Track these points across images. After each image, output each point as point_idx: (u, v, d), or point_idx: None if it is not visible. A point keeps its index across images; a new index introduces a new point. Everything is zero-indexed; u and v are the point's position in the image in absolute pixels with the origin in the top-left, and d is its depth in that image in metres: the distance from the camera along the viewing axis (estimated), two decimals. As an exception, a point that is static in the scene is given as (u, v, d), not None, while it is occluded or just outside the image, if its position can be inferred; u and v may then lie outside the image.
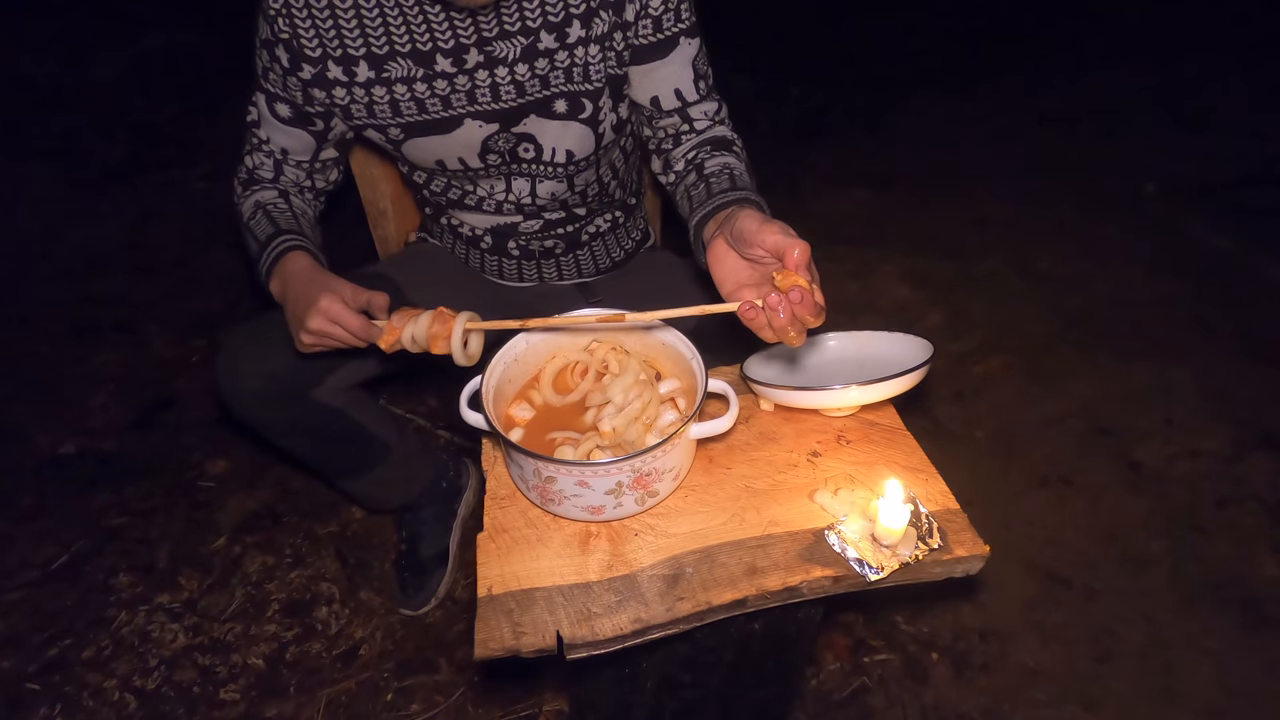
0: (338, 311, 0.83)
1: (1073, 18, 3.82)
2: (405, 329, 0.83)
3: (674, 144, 1.01)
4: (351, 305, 0.85)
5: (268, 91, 0.97)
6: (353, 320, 0.83)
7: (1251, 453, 1.63)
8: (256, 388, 1.01)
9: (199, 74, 3.63)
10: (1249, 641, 1.30)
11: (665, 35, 0.94)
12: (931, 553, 0.73)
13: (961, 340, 1.96)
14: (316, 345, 0.87)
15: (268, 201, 1.01)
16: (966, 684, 1.27)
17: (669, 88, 0.98)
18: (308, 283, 0.87)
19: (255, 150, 1.02)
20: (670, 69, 0.96)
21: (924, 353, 0.85)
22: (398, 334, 0.83)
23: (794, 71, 3.53)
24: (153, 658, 1.33)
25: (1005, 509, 1.54)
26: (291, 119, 0.98)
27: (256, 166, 1.03)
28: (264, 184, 1.03)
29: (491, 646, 0.68)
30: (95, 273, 2.31)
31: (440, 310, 0.83)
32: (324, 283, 0.87)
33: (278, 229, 0.97)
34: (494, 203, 1.08)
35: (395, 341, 0.84)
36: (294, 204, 1.03)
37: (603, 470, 0.72)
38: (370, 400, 1.18)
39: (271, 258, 0.94)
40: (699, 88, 0.99)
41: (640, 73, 0.97)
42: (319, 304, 0.83)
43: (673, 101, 0.98)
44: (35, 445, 1.74)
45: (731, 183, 0.89)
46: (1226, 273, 2.16)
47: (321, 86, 0.93)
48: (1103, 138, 2.87)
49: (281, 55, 0.92)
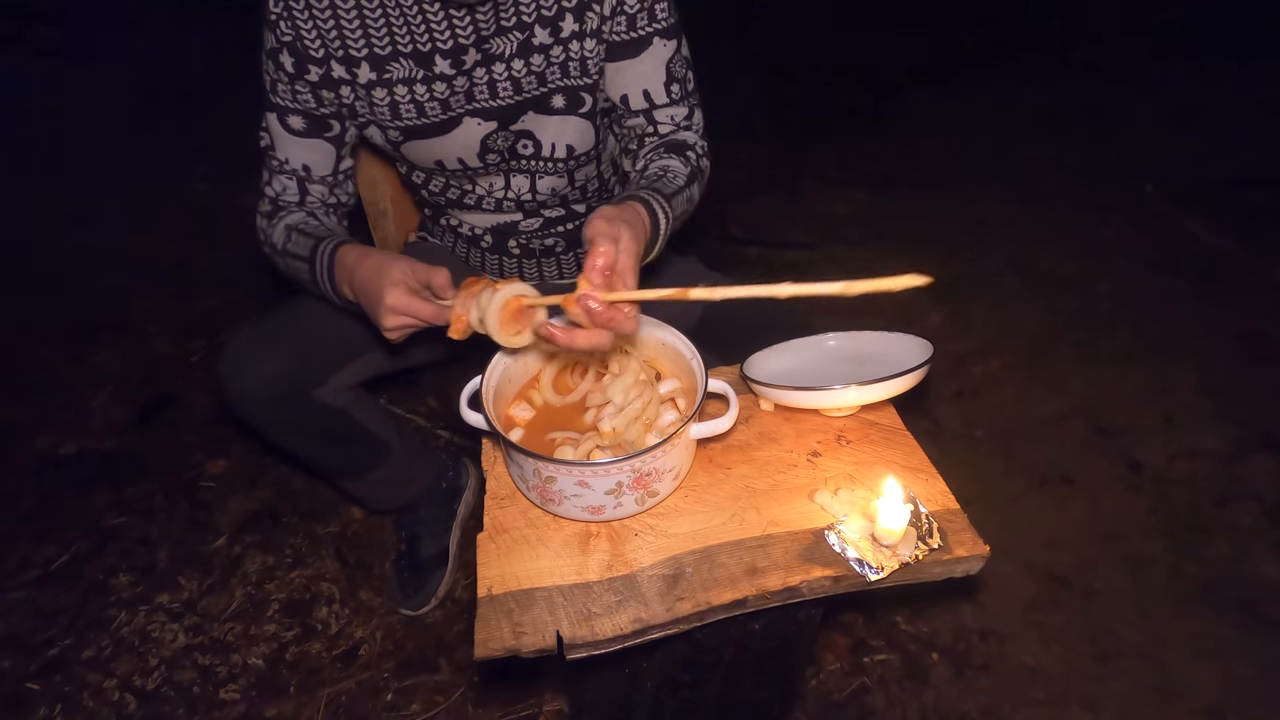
0: (405, 304, 0.79)
1: (1073, 18, 3.82)
2: (471, 313, 0.77)
3: (638, 145, 1.01)
4: (415, 287, 0.81)
5: (278, 107, 0.95)
6: (424, 308, 0.79)
7: (1251, 453, 1.63)
8: (260, 388, 1.00)
9: (200, 73, 3.63)
10: (1249, 641, 1.30)
11: (639, 34, 0.93)
12: (931, 553, 0.73)
13: (961, 340, 1.96)
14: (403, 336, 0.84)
15: (297, 223, 0.97)
16: (966, 684, 1.27)
17: (638, 88, 0.97)
18: (368, 276, 0.83)
19: (275, 175, 0.99)
20: (641, 69, 0.95)
21: (924, 353, 0.85)
22: (464, 320, 0.77)
23: (794, 71, 3.53)
24: (153, 658, 1.33)
25: (1005, 509, 1.54)
26: (306, 129, 0.96)
27: (280, 193, 0.99)
28: (289, 208, 1.00)
29: (491, 646, 0.68)
30: (95, 273, 2.31)
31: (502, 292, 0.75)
32: (383, 272, 0.81)
33: (317, 239, 0.92)
34: (493, 201, 1.08)
35: (465, 327, 0.78)
36: (323, 220, 1.00)
37: (603, 470, 0.72)
38: (372, 400, 1.18)
39: (325, 267, 0.89)
40: (670, 91, 0.97)
41: (613, 70, 0.96)
42: (385, 302, 0.79)
43: (640, 102, 0.98)
44: (35, 445, 1.74)
45: (651, 182, 0.87)
46: (1226, 273, 2.16)
47: (329, 87, 0.93)
48: (1103, 138, 2.87)
49: (286, 61, 0.91)
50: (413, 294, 0.80)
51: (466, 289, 0.78)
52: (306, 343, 1.02)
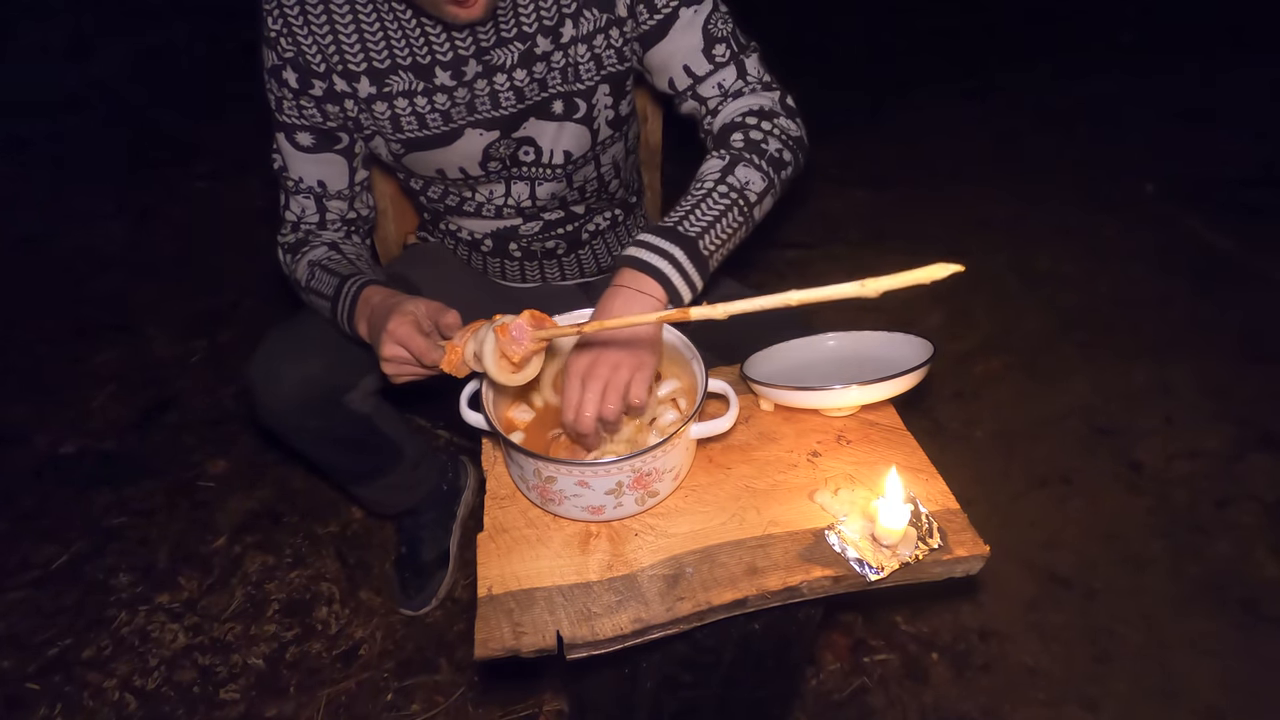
0: (404, 333, 0.77)
1: (1073, 18, 3.82)
2: (467, 346, 0.75)
3: (703, 135, 0.98)
4: (424, 325, 0.79)
5: (285, 125, 0.95)
6: (417, 342, 0.77)
7: (1251, 453, 1.63)
8: (293, 393, 0.99)
9: (201, 73, 3.63)
10: (1249, 641, 1.30)
11: (664, 13, 0.91)
12: (931, 553, 0.73)
13: (961, 340, 1.96)
14: (400, 374, 0.82)
15: (320, 259, 0.96)
16: (966, 684, 1.27)
17: (678, 64, 0.94)
18: (384, 311, 0.82)
19: (292, 197, 0.99)
20: (674, 45, 0.93)
21: (924, 353, 0.84)
22: (459, 352, 0.75)
23: (794, 72, 3.53)
24: (153, 658, 1.33)
25: (1005, 509, 1.54)
26: (316, 144, 0.96)
27: (300, 216, 1.00)
28: (311, 235, 0.99)
29: (491, 646, 0.68)
30: (95, 273, 2.31)
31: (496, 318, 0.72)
32: (397, 304, 0.81)
33: (342, 278, 0.92)
34: (493, 208, 1.07)
35: (460, 362, 0.76)
36: (346, 252, 0.99)
37: (603, 470, 0.72)
38: (392, 407, 1.18)
39: (347, 306, 0.89)
40: (714, 56, 0.93)
41: (653, 57, 0.95)
42: (388, 327, 0.78)
43: (684, 80, 0.95)
44: (35, 445, 1.74)
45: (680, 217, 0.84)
46: (1226, 273, 2.16)
47: (333, 101, 0.93)
48: (1103, 138, 2.87)
49: (290, 77, 0.91)
50: (416, 328, 0.78)
51: (469, 326, 0.76)
52: (335, 347, 1.00)
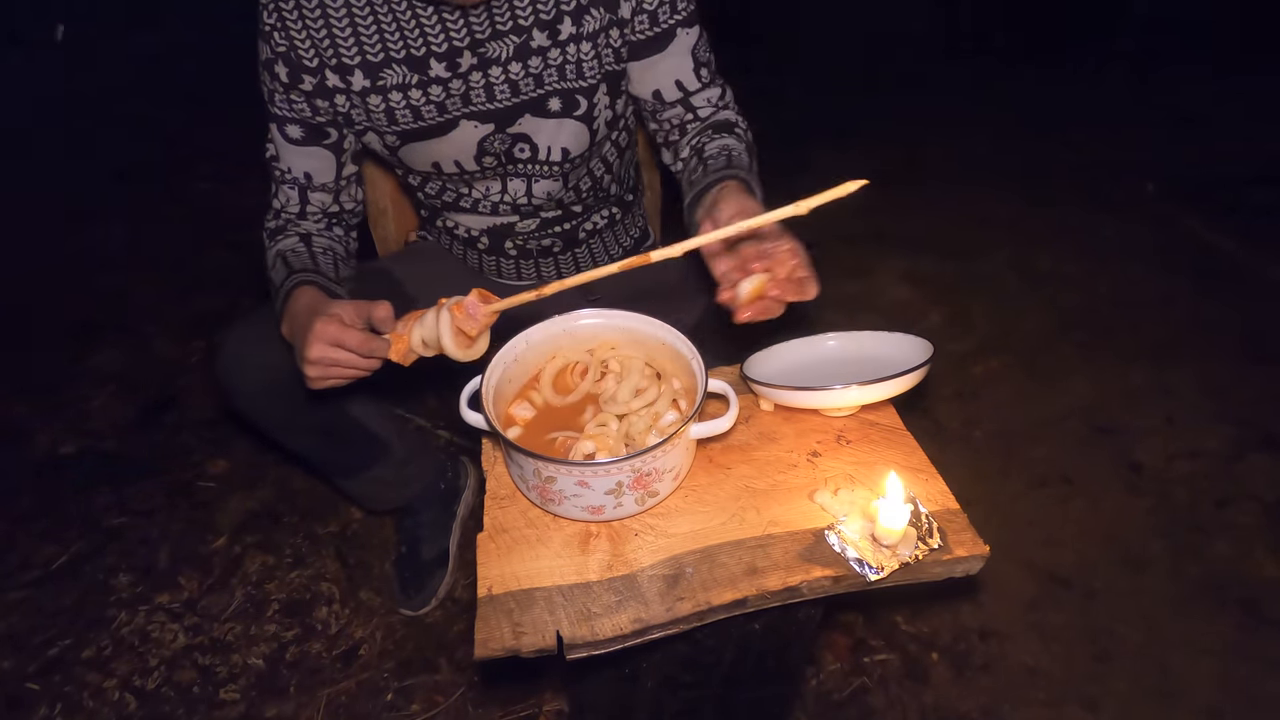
0: (333, 332, 0.75)
1: (1073, 18, 3.82)
2: (414, 333, 0.74)
3: (680, 134, 1.01)
4: (352, 324, 0.77)
5: (276, 116, 0.96)
6: (352, 336, 0.75)
7: (1251, 453, 1.63)
8: (259, 380, 1.00)
9: (201, 74, 3.63)
10: (1249, 641, 1.30)
11: (662, 29, 0.94)
12: (931, 553, 0.73)
13: (961, 340, 1.96)
14: (325, 377, 0.79)
15: (286, 249, 0.97)
16: (966, 684, 1.27)
17: (669, 80, 0.97)
18: (308, 314, 0.80)
19: (280, 185, 1.00)
20: (670, 61, 0.96)
21: (924, 353, 0.84)
22: (406, 340, 0.75)
23: (793, 72, 3.53)
24: (153, 658, 1.33)
25: (1005, 509, 1.54)
26: (304, 137, 0.97)
27: (284, 205, 1.01)
28: (290, 224, 1.00)
29: (491, 646, 0.67)
30: (95, 273, 2.31)
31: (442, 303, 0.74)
32: (320, 308, 0.79)
33: (290, 271, 0.92)
34: (490, 204, 1.07)
35: (407, 350, 0.75)
36: (315, 245, 0.99)
37: (603, 470, 0.72)
38: (371, 399, 1.18)
39: (281, 302, 0.89)
40: (700, 75, 0.98)
41: (640, 68, 0.97)
42: (314, 329, 0.75)
43: (674, 93, 0.98)
44: (35, 445, 1.74)
45: (727, 162, 0.89)
46: (1226, 273, 2.16)
47: (323, 96, 0.93)
48: (1103, 138, 2.87)
49: (281, 71, 0.91)
50: (343, 325, 0.76)
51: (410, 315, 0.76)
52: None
